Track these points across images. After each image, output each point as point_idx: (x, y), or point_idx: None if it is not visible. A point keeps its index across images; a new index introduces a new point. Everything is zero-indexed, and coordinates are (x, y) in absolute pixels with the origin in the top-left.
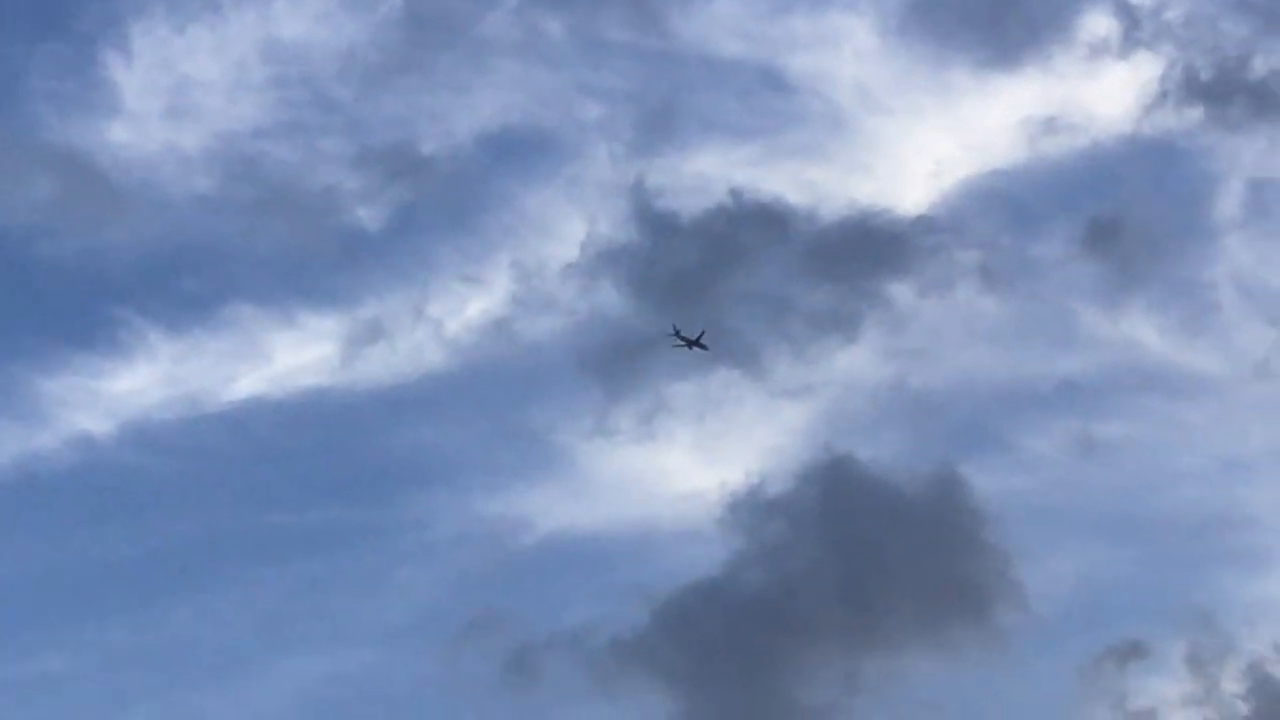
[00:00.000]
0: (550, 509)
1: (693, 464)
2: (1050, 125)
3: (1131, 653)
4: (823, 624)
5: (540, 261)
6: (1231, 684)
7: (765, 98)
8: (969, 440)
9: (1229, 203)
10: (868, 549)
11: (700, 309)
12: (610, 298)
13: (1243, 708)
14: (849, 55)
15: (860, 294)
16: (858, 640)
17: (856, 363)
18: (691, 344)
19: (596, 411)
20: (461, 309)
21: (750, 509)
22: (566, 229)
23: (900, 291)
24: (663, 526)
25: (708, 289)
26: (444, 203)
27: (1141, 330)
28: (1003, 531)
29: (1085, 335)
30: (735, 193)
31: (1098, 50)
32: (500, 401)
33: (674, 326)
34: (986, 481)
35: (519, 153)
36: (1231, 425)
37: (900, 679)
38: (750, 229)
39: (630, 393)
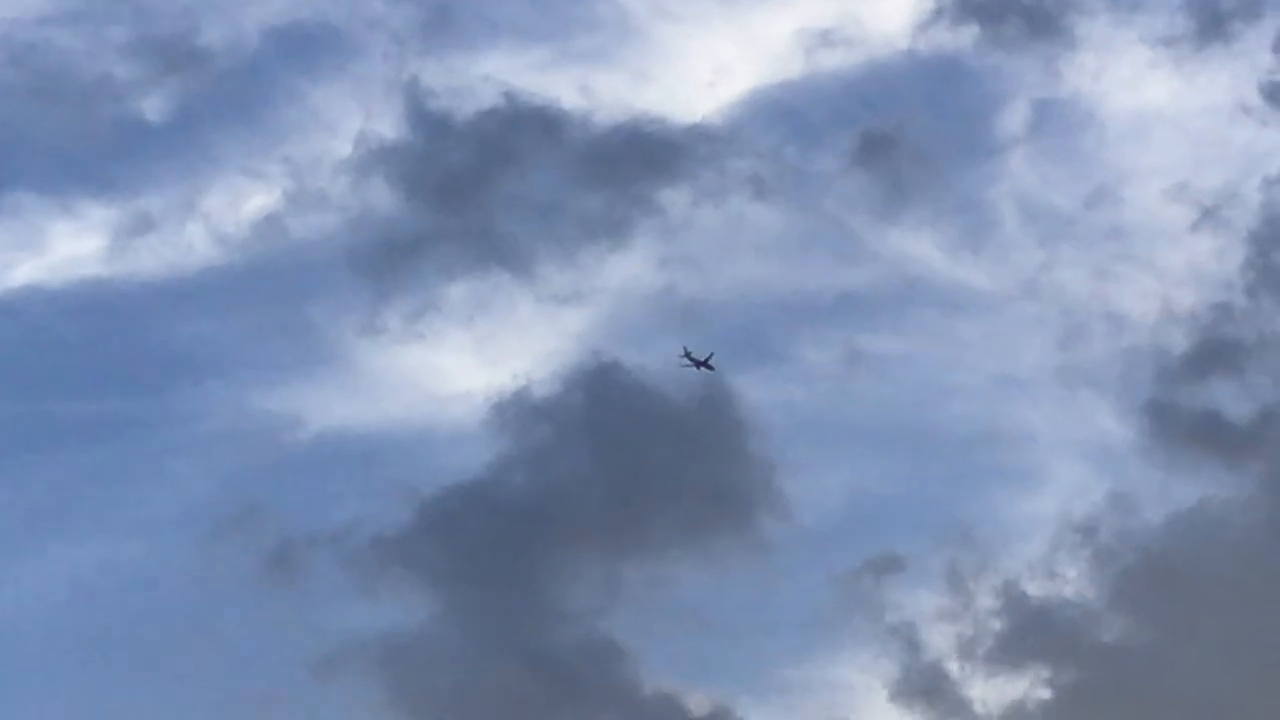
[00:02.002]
0: (321, 406)
1: (461, 365)
2: (826, 38)
3: (889, 566)
4: (586, 529)
5: (314, 158)
6: (987, 600)
7: (553, 1)
8: (739, 350)
9: (1011, 121)
10: (633, 456)
11: (472, 210)
12: (382, 196)
13: (996, 624)
14: None
15: (632, 201)
16: (620, 546)
17: (627, 269)
18: (699, 364)
19: (366, 309)
20: (238, 203)
21: (516, 412)
22: (343, 126)
23: (673, 199)
24: (429, 426)
25: (479, 191)
26: (226, 96)
27: (917, 245)
28: (769, 442)
29: (859, 249)
30: (509, 95)
31: None
32: (272, 297)
33: (684, 348)
34: (755, 392)
35: (302, 47)
36: (1005, 342)
37: (662, 585)
38: (523, 132)
39: (400, 292)
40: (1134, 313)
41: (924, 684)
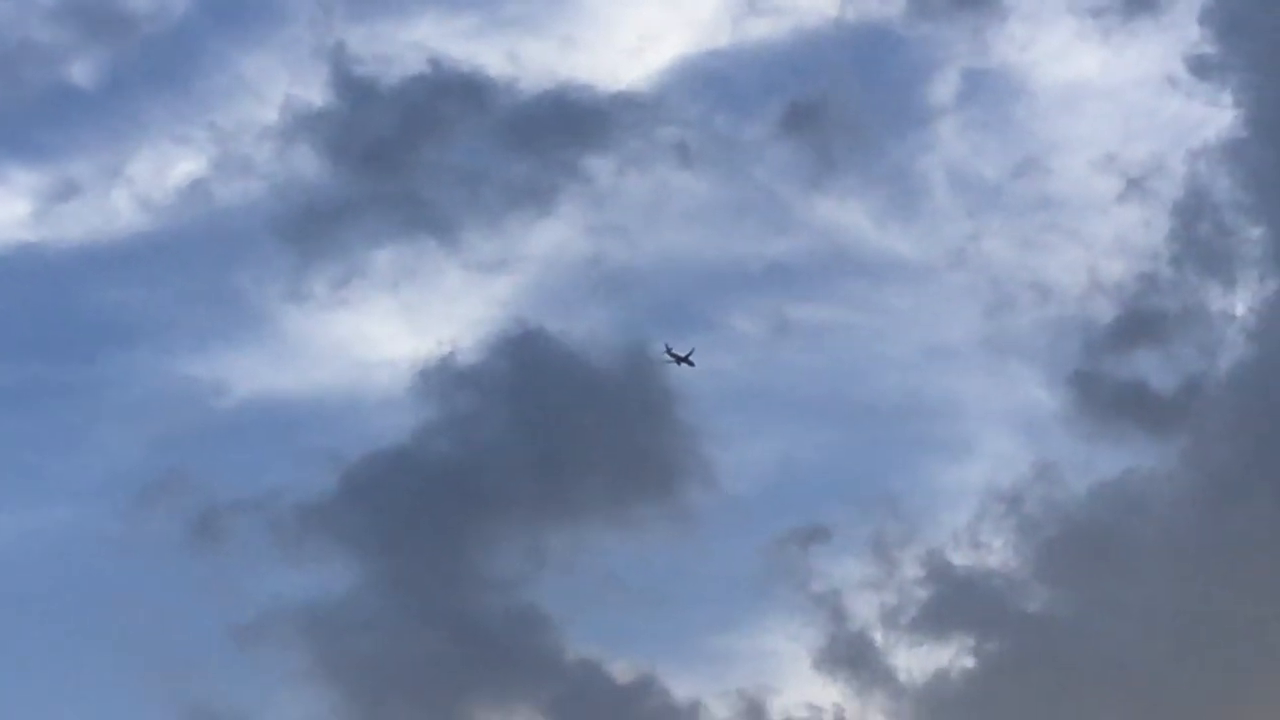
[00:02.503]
0: (247, 372)
1: (386, 332)
2: (754, 6)
3: (815, 535)
4: (511, 496)
5: (240, 124)
6: (912, 569)
7: None
8: (666, 318)
9: (940, 90)
10: (558, 423)
11: (397, 177)
12: (308, 162)
13: (921, 593)
14: None
15: (558, 168)
16: (545, 513)
17: (553, 237)
18: (680, 360)
19: (292, 276)
20: (164, 169)
21: (442, 379)
22: (269, 92)
23: (599, 167)
24: (355, 393)
25: (405, 157)
26: (153, 62)
27: (846, 214)
28: (696, 410)
29: (787, 218)
30: (435, 62)
31: None
32: (198, 264)
33: (665, 345)
34: None
35: (229, 13)
36: (933, 312)
37: (587, 553)
38: (449, 99)
39: (326, 258)
40: (1061, 283)
41: (849, 653)
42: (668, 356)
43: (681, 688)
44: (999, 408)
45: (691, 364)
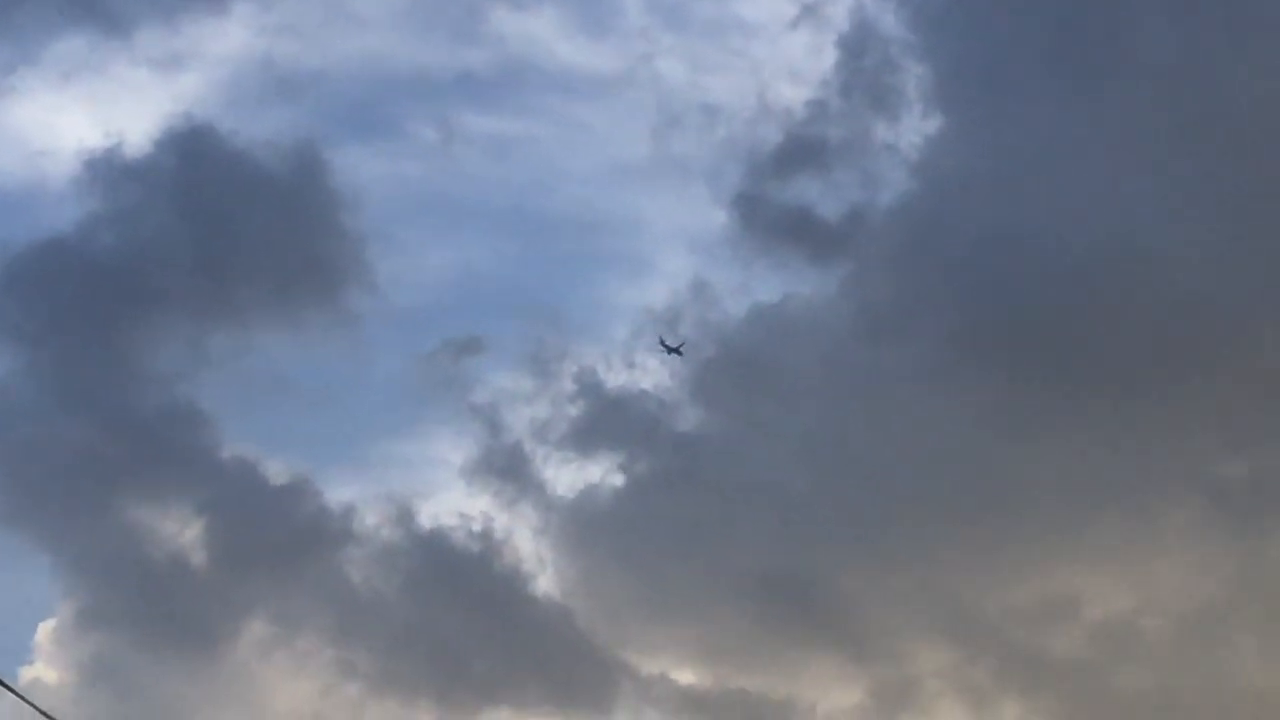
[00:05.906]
0: None
1: (54, 121)
2: None
3: (474, 346)
4: (173, 293)
5: None
6: (566, 385)
7: None
8: (341, 122)
9: None
10: (223, 221)
11: None
12: None
13: (573, 409)
14: None
15: None
16: (208, 311)
17: (227, 36)
18: (671, 350)
19: None
20: None
21: (106, 171)
22: None
23: None
24: (19, 181)
25: None
26: None
27: (532, 25)
28: (364, 217)
29: (471, 26)
30: None
31: None
32: None
33: (660, 336)
34: (358, 166)
35: None
36: (613, 128)
37: (249, 353)
38: None
39: None
40: (729, 105)
41: (502, 464)
42: (660, 347)
43: (336, 491)
44: (664, 227)
45: (680, 354)
